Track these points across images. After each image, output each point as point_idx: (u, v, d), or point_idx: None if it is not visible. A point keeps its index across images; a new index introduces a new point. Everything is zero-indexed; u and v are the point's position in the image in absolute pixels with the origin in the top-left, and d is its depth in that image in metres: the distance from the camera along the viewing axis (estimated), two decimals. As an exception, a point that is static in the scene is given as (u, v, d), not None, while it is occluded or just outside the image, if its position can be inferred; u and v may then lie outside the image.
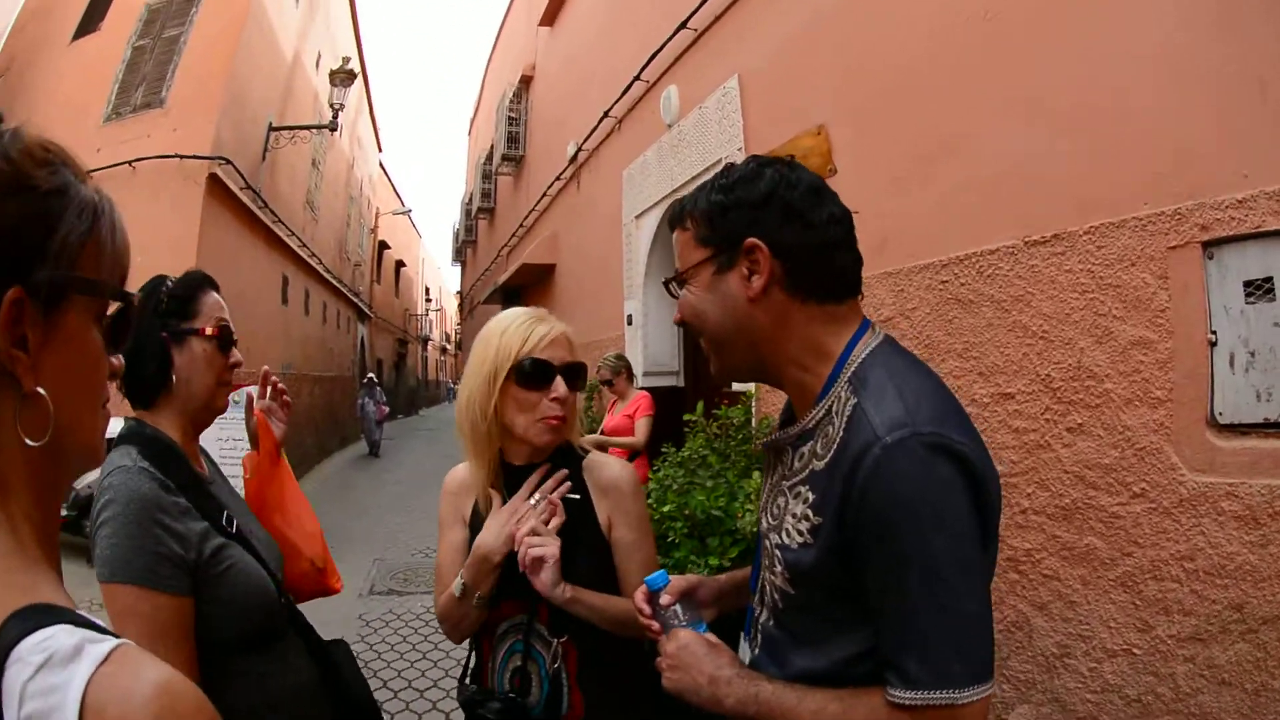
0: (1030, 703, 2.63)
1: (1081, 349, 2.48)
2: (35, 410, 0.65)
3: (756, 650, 1.30)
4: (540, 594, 1.58)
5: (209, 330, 1.65)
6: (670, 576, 1.40)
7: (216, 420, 6.53)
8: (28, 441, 0.64)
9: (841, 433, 1.11)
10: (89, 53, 10.00)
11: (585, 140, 8.89)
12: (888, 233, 3.37)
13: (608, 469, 1.78)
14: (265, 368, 2.15)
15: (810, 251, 1.17)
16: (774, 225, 1.17)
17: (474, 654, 1.80)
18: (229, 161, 9.56)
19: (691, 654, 1.26)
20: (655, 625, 1.37)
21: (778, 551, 1.20)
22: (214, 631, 1.49)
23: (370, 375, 18.42)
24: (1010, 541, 2.69)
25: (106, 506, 1.43)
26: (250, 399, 2.04)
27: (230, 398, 6.35)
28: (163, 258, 6.00)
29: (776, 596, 1.23)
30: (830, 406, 1.16)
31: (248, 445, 6.85)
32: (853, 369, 1.15)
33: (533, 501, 1.66)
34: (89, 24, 10.18)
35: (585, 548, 1.68)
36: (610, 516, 1.72)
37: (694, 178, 5.65)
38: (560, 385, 1.65)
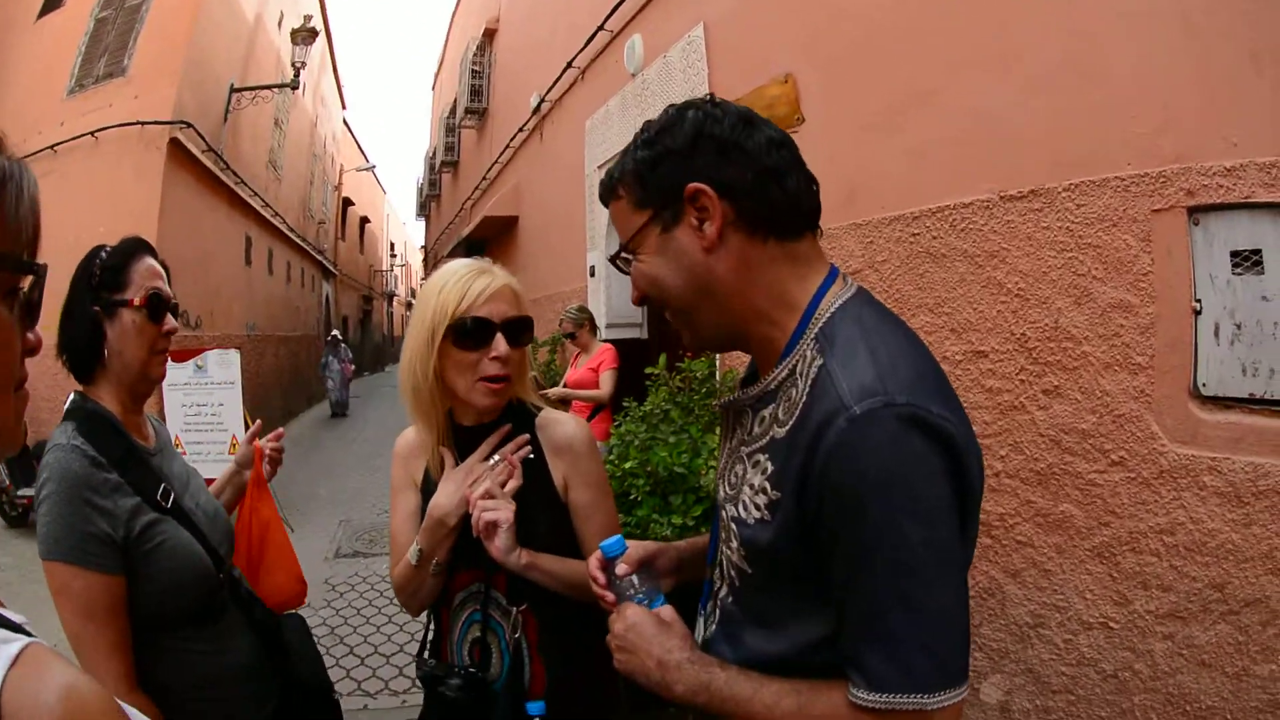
0: (1003, 672, 2.58)
1: (1059, 309, 2.38)
2: None
3: (712, 628, 1.21)
4: (496, 560, 1.51)
5: (137, 301, 1.61)
6: (628, 543, 1.29)
7: (183, 388, 6.50)
8: None
9: (805, 397, 0.99)
10: (53, 29, 9.80)
11: (548, 91, 8.68)
12: (856, 183, 3.24)
13: (561, 427, 1.68)
14: (281, 430, 2.19)
15: (756, 181, 1.05)
16: (711, 164, 1.06)
17: (433, 625, 1.73)
18: (190, 125, 9.44)
19: (639, 634, 1.15)
20: (609, 596, 1.26)
21: (734, 525, 1.10)
22: (146, 608, 1.51)
23: (335, 332, 17.72)
24: (983, 505, 2.58)
25: (44, 485, 1.47)
26: (257, 429, 2.14)
27: (194, 362, 6.19)
28: (125, 225, 5.95)
29: (733, 573, 1.14)
30: (794, 365, 1.04)
31: (212, 411, 6.68)
32: (820, 324, 1.04)
33: (491, 463, 1.57)
34: (53, 1, 9.98)
35: (541, 510, 1.61)
36: (566, 477, 1.65)
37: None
38: (501, 343, 1.53)
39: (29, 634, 0.62)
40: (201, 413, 6.89)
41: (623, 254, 1.17)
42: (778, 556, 1.03)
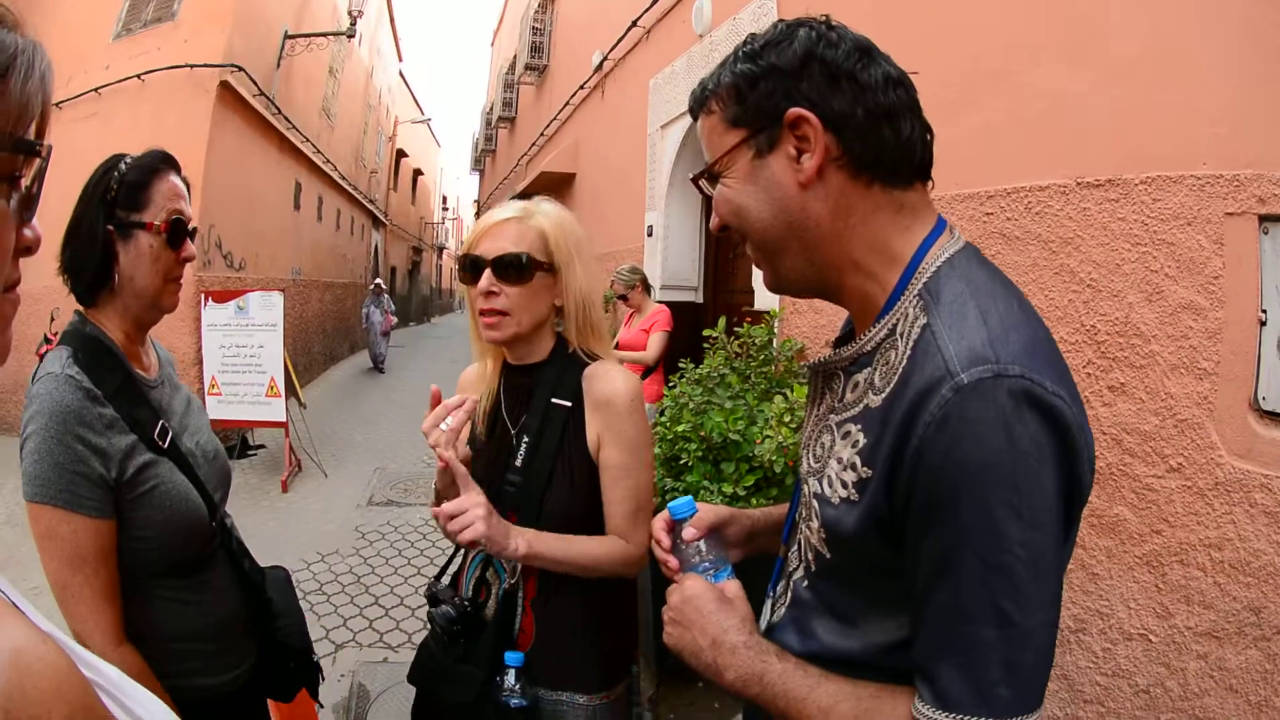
0: (1039, 676, 2.55)
1: (1130, 304, 2.33)
2: None
3: (780, 612, 1.12)
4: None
5: (158, 223, 1.51)
6: (698, 506, 1.20)
7: (222, 329, 6.65)
8: None
9: (905, 361, 0.90)
10: None
11: (611, 50, 8.63)
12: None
13: (604, 380, 1.64)
14: None
15: (868, 119, 0.94)
16: (818, 91, 0.95)
17: (459, 554, 1.78)
18: (241, 69, 9.52)
19: (696, 609, 1.08)
20: (673, 561, 1.19)
21: (815, 503, 1.01)
22: (134, 554, 1.45)
23: (378, 281, 16.37)
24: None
25: (33, 419, 1.37)
26: None
27: (235, 303, 6.30)
28: None
29: (810, 556, 1.04)
30: (894, 324, 0.94)
31: (251, 354, 6.84)
32: (924, 279, 0.94)
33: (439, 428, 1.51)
34: (97, -53, 10.07)
35: (566, 465, 1.62)
36: (600, 434, 1.62)
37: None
38: (484, 278, 1.58)
39: None
40: (240, 354, 7.10)
41: (707, 175, 1.07)
42: (862, 543, 0.94)
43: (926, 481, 0.83)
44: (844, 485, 0.95)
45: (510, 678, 1.54)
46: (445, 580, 1.74)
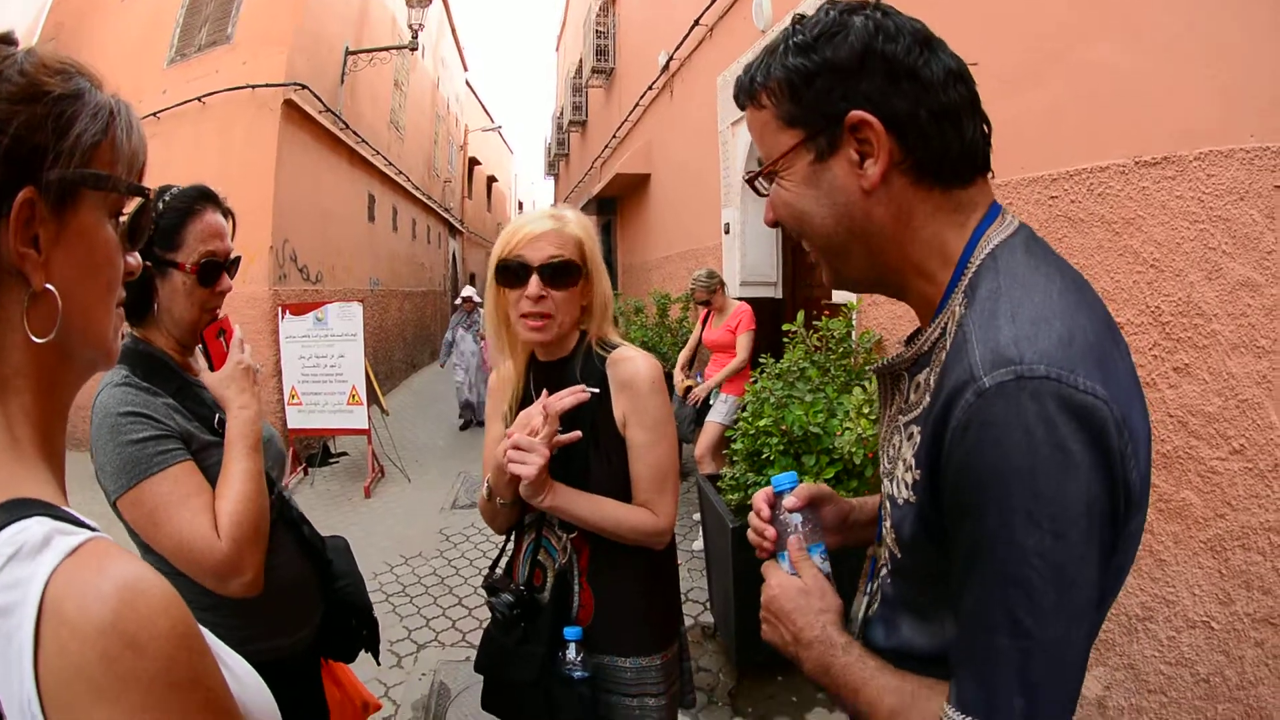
0: (1106, 666, 2.57)
1: (1191, 283, 2.33)
2: (43, 307, 0.67)
3: (874, 608, 1.12)
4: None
5: (189, 265, 1.62)
6: (800, 482, 1.22)
7: (301, 340, 6.88)
8: (33, 338, 0.67)
9: (943, 363, 0.89)
10: (143, 3, 10.11)
11: (676, 49, 8.75)
12: (995, 140, 3.16)
13: (625, 364, 1.76)
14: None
15: (931, 121, 0.90)
16: (879, 91, 0.90)
17: (510, 544, 1.90)
18: (305, 87, 9.70)
19: (779, 606, 1.10)
20: (771, 531, 1.19)
21: (888, 503, 1.02)
22: None
23: (469, 291, 11.58)
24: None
25: (96, 427, 1.50)
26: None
27: (313, 315, 6.56)
28: (239, 185, 6.06)
29: (888, 555, 1.05)
30: (945, 324, 0.93)
31: (331, 363, 7.07)
32: (970, 273, 0.92)
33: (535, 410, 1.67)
34: (139, -21, 10.21)
35: (599, 445, 1.73)
36: (625, 414, 1.74)
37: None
38: (534, 284, 1.67)
39: (94, 530, 0.63)
40: (321, 364, 7.34)
41: (763, 175, 1.04)
42: (919, 545, 0.94)
43: (954, 486, 0.83)
44: (906, 486, 0.95)
45: (571, 651, 1.67)
46: (499, 571, 1.87)
